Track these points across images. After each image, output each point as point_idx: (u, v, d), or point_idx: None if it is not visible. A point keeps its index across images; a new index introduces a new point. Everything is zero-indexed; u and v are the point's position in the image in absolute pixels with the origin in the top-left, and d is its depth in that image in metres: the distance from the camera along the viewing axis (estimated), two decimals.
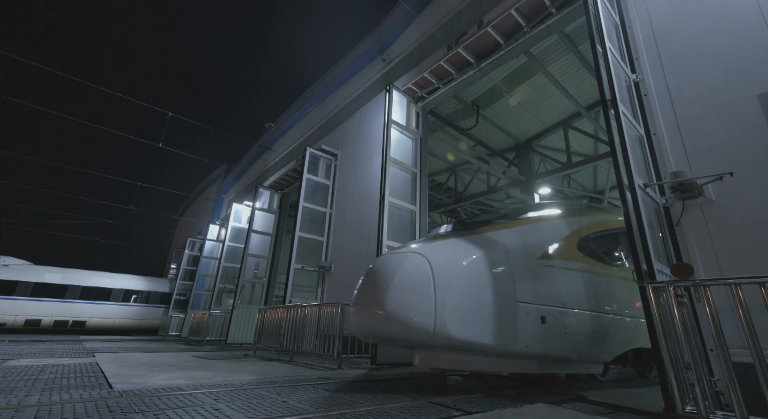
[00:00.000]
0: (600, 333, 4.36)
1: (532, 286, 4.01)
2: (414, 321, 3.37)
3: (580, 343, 4.18)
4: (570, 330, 4.09)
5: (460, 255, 3.84)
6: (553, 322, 4.00)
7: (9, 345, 9.28)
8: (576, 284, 4.39)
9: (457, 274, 3.64)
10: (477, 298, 3.62)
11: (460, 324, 3.45)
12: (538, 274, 4.14)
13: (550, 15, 6.45)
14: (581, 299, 4.36)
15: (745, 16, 3.82)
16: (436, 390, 3.93)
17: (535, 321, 3.86)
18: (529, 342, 3.76)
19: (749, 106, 3.53)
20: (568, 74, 9.04)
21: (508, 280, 3.86)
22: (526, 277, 4.03)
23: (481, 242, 4.09)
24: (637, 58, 4.51)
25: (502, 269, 3.88)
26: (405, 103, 8.62)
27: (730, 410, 2.42)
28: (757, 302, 2.38)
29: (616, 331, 4.56)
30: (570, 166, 10.74)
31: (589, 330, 4.27)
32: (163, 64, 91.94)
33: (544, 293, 4.07)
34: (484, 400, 3.40)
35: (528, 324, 3.80)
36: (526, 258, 4.16)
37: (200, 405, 2.98)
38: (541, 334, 3.86)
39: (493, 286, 3.73)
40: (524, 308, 3.83)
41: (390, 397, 3.46)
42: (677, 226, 3.69)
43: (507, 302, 3.75)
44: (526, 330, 3.76)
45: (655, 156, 4.00)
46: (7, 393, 3.27)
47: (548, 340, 3.91)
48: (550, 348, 3.92)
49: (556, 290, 4.17)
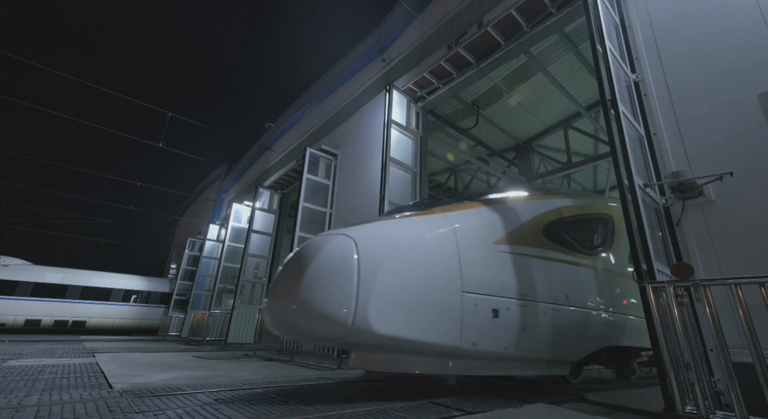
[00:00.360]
0: (566, 329, 3.95)
1: (484, 274, 3.53)
2: (328, 313, 2.83)
3: (542, 340, 3.76)
4: (529, 325, 3.66)
5: (396, 238, 3.33)
6: (509, 316, 3.54)
7: (9, 345, 9.28)
8: (539, 274, 3.94)
9: (389, 259, 3.11)
10: (411, 287, 3.11)
11: (388, 317, 2.94)
12: (492, 261, 3.67)
13: (550, 15, 6.45)
14: (545, 290, 3.90)
15: (745, 16, 3.82)
16: (436, 390, 3.93)
17: (485, 315, 3.38)
18: (476, 338, 3.29)
19: (749, 106, 3.53)
20: (568, 74, 9.03)
21: (452, 267, 3.35)
22: (478, 264, 3.53)
23: (426, 224, 3.58)
24: (637, 58, 4.51)
25: (446, 255, 3.39)
26: (405, 103, 8.62)
27: (730, 410, 2.42)
28: (757, 302, 2.37)
29: (585, 327, 4.16)
30: (570, 166, 10.74)
31: (552, 325, 3.85)
32: (163, 64, 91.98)
33: (499, 282, 3.61)
34: (484, 400, 3.40)
35: (475, 318, 3.32)
36: (479, 243, 3.67)
37: (200, 405, 2.98)
38: (493, 330, 3.40)
39: (432, 273, 3.24)
40: (471, 300, 3.34)
41: (390, 397, 3.46)
42: (677, 226, 3.69)
43: (449, 292, 3.26)
44: (472, 325, 3.28)
45: (655, 156, 4.00)
46: (7, 393, 3.27)
47: (502, 337, 3.46)
48: (503, 346, 3.47)
49: (514, 280, 3.71)
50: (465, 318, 3.27)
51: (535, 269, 3.94)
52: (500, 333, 3.46)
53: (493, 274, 3.62)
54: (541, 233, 4.18)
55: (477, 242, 3.65)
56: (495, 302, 3.50)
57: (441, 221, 3.65)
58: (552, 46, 8.16)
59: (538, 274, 3.94)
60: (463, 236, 3.57)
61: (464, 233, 3.60)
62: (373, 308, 2.89)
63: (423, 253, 3.30)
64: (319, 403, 3.11)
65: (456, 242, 3.49)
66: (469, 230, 3.67)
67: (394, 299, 3.01)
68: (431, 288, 3.19)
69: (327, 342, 3.06)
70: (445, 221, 3.66)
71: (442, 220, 3.66)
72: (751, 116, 3.50)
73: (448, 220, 3.67)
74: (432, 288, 3.20)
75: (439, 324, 3.16)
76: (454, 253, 3.42)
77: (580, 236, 4.76)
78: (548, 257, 4.09)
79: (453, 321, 3.22)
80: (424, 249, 3.34)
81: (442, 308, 3.19)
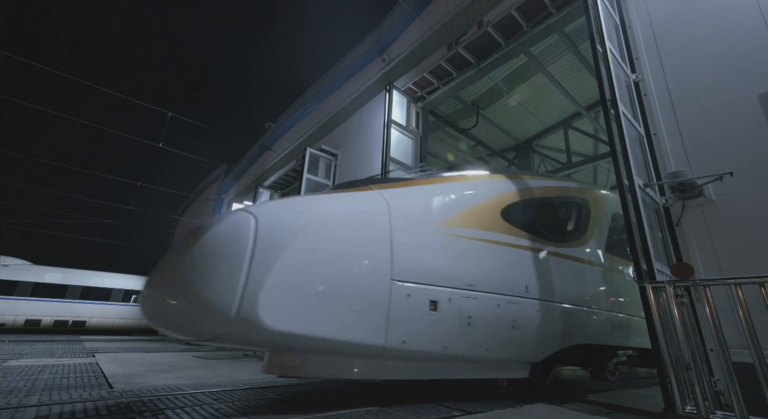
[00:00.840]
0: (524, 324, 3.48)
1: (422, 260, 3.06)
2: (205, 302, 2.30)
3: (493, 338, 3.29)
4: (477, 319, 3.18)
5: (311, 215, 2.80)
6: (450, 309, 3.05)
7: (9, 345, 9.28)
8: (494, 261, 3.49)
9: (297, 239, 2.58)
10: (323, 274, 2.60)
11: (287, 309, 2.44)
12: (435, 245, 3.19)
13: (550, 15, 6.46)
14: (499, 280, 3.43)
15: (745, 16, 3.82)
16: (436, 390, 3.93)
17: (420, 307, 2.91)
18: (407, 335, 2.81)
19: (749, 106, 3.53)
20: (568, 74, 9.03)
21: (381, 250, 2.87)
22: (415, 248, 3.06)
23: (354, 201, 3.09)
24: (637, 58, 4.51)
25: (374, 236, 2.91)
26: (405, 103, 8.62)
27: (730, 410, 2.42)
28: (757, 302, 2.38)
29: (548, 323, 3.69)
30: (570, 166, 10.74)
31: (507, 320, 3.37)
32: (163, 64, 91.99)
33: (442, 270, 3.12)
34: (484, 400, 3.40)
35: (407, 311, 2.84)
36: (421, 223, 3.20)
37: (200, 405, 2.98)
38: (429, 325, 2.94)
39: (353, 258, 2.75)
40: (402, 290, 2.85)
41: (390, 397, 3.46)
42: (677, 226, 3.69)
43: (374, 280, 2.78)
44: (402, 319, 2.81)
45: (655, 156, 4.00)
46: (7, 393, 3.27)
47: (441, 333, 3.00)
48: (443, 345, 3.00)
49: (460, 267, 3.23)
50: (393, 311, 2.77)
51: (489, 255, 3.46)
52: (439, 328, 2.99)
53: (435, 260, 3.13)
54: (498, 216, 3.71)
55: (417, 223, 3.18)
56: (434, 292, 3.01)
57: (374, 198, 3.14)
58: (552, 46, 8.16)
59: (491, 261, 3.47)
60: (399, 215, 3.09)
61: (401, 213, 3.12)
62: (265, 298, 2.36)
63: (343, 234, 2.80)
64: (319, 403, 3.11)
65: (389, 222, 2.99)
66: (408, 209, 3.20)
67: (297, 288, 2.49)
68: (350, 275, 2.69)
69: (209, 338, 2.42)
70: (379, 198, 3.14)
71: (376, 197, 3.15)
72: (751, 115, 3.50)
73: (384, 197, 3.16)
74: (351, 275, 2.70)
75: (357, 317, 2.66)
76: (385, 235, 2.93)
77: (547, 221, 4.26)
78: (506, 243, 3.62)
79: (376, 315, 2.72)
80: (346, 229, 2.83)
81: (362, 299, 2.70)
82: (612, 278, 4.95)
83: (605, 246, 5.02)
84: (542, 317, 3.65)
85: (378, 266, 2.83)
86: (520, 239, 3.78)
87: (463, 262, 3.28)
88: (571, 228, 4.60)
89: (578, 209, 4.91)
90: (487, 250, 3.49)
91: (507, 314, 3.39)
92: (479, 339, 3.22)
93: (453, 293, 3.11)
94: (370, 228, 2.93)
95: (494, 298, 3.35)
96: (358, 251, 2.81)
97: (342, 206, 3.00)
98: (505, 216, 3.78)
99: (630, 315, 4.93)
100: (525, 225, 3.92)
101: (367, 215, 2.99)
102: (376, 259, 2.84)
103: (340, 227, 2.84)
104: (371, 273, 2.79)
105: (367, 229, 2.92)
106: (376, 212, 3.03)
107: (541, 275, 3.81)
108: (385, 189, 3.31)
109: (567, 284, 4.03)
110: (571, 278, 4.10)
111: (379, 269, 2.83)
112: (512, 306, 3.44)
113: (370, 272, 2.79)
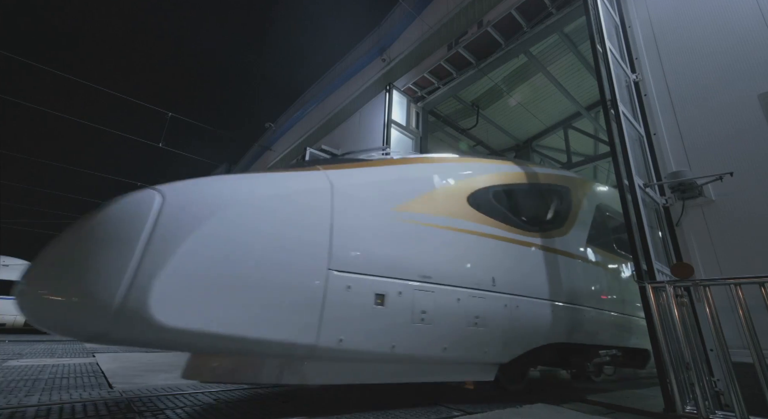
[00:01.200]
0: (489, 321, 3.17)
1: (368, 248, 2.70)
2: (82, 291, 1.88)
3: (451, 336, 2.97)
4: (433, 315, 2.85)
5: (233, 195, 2.39)
6: (401, 303, 2.71)
7: (9, 345, 9.28)
8: (455, 250, 3.16)
9: (209, 221, 2.20)
10: (241, 261, 2.22)
11: (188, 301, 2.03)
12: (386, 231, 2.84)
13: (550, 15, 6.46)
14: (461, 271, 3.12)
15: (745, 16, 3.82)
16: (436, 390, 3.93)
17: (363, 301, 2.58)
18: (345, 333, 2.49)
19: (749, 106, 3.53)
20: (568, 74, 9.04)
21: (317, 235, 2.51)
22: (360, 234, 2.70)
23: (291, 181, 2.70)
24: (637, 58, 4.51)
25: (309, 219, 2.54)
26: (405, 103, 8.62)
27: (730, 410, 2.42)
28: (757, 302, 2.38)
29: (518, 320, 3.37)
30: (570, 166, 10.74)
31: (468, 316, 3.05)
32: (163, 64, 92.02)
33: (392, 259, 2.78)
34: (484, 400, 3.40)
35: (346, 305, 2.50)
36: (369, 207, 2.85)
37: (200, 405, 2.98)
38: (374, 321, 2.60)
39: (280, 243, 2.38)
40: (341, 281, 2.50)
41: (390, 397, 3.46)
42: (677, 226, 3.69)
43: (306, 269, 2.42)
44: (340, 315, 2.47)
45: (655, 156, 4.00)
46: (7, 393, 3.27)
47: (388, 331, 2.67)
48: (390, 344, 2.66)
49: (415, 257, 2.90)
50: (329, 305, 2.42)
51: (450, 244, 3.14)
52: (386, 325, 2.64)
53: (385, 248, 2.78)
54: (464, 201, 3.39)
55: (366, 207, 2.83)
56: (382, 284, 2.66)
57: (316, 178, 2.77)
58: (552, 46, 8.16)
59: (453, 251, 3.15)
60: (344, 197, 2.73)
61: (347, 195, 2.77)
62: (160, 289, 1.95)
63: (270, 216, 2.42)
64: (319, 403, 3.11)
65: (331, 204, 2.64)
66: (356, 192, 2.85)
67: (204, 277, 2.10)
68: (274, 264, 2.33)
69: (88, 337, 1.97)
70: (322, 178, 2.78)
71: (318, 177, 2.78)
72: (751, 115, 3.50)
73: (329, 178, 2.81)
74: (276, 264, 2.33)
75: (281, 312, 2.30)
76: (324, 219, 2.57)
77: (521, 209, 3.91)
78: (471, 231, 3.29)
79: (307, 309, 2.38)
80: (273, 212, 2.45)
81: (288, 291, 2.34)
82: (594, 272, 4.66)
83: (587, 238, 4.74)
84: (511, 313, 3.35)
85: (312, 253, 2.46)
86: (486, 226, 3.43)
87: (418, 251, 2.94)
88: (550, 217, 4.26)
89: (558, 197, 4.58)
90: (449, 238, 3.15)
91: (469, 309, 3.06)
92: (434, 338, 2.88)
93: (405, 285, 2.76)
94: (305, 211, 2.56)
95: (454, 291, 3.02)
96: (288, 236, 2.42)
97: (274, 186, 2.60)
98: (473, 202, 3.43)
99: (613, 312, 4.69)
100: (494, 212, 3.55)
101: (303, 197, 2.61)
102: (310, 246, 2.48)
103: (267, 208, 2.45)
104: (302, 262, 2.42)
105: (301, 212, 2.55)
106: (314, 193, 2.66)
107: (511, 267, 3.49)
108: (333, 170, 2.94)
109: (541, 278, 3.71)
110: (547, 271, 3.77)
111: (312, 258, 2.45)
112: (476, 301, 3.11)
113: (300, 260, 2.41)
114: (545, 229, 4.11)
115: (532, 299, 3.57)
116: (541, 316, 3.62)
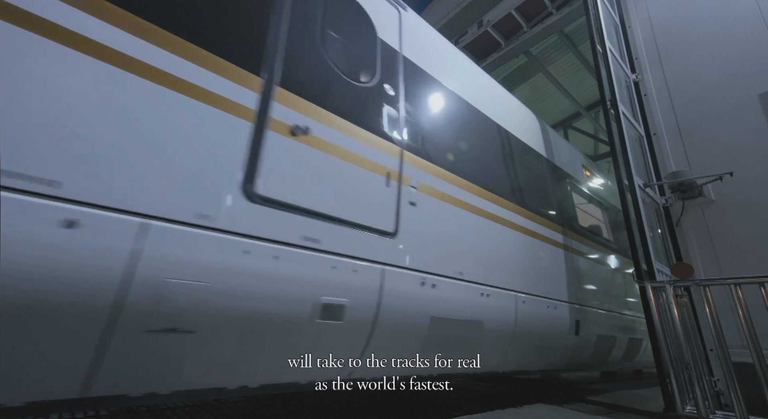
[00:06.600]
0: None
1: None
2: None
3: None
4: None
5: None
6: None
7: None
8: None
9: None
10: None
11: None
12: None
13: (550, 15, 6.46)
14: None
15: (745, 16, 3.82)
16: (436, 390, 3.93)
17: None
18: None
19: (749, 106, 3.53)
20: (568, 74, 9.03)
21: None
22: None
23: None
24: (637, 58, 4.51)
25: None
26: None
27: (730, 410, 2.42)
28: (757, 302, 2.38)
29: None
30: None
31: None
32: None
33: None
34: (484, 400, 3.40)
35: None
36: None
37: (200, 405, 2.98)
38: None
39: None
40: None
41: (390, 397, 3.46)
42: (677, 226, 3.69)
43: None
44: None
45: (655, 156, 4.00)
46: None
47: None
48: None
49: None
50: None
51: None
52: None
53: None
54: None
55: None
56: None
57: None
58: (552, 46, 8.16)
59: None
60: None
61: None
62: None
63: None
64: (319, 403, 3.11)
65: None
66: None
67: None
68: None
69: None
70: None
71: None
72: (751, 115, 3.50)
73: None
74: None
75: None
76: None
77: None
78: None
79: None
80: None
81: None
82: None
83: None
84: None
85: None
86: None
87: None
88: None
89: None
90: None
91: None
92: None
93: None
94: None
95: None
96: None
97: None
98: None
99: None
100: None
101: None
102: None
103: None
104: None
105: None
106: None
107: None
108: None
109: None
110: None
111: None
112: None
113: None
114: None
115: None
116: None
